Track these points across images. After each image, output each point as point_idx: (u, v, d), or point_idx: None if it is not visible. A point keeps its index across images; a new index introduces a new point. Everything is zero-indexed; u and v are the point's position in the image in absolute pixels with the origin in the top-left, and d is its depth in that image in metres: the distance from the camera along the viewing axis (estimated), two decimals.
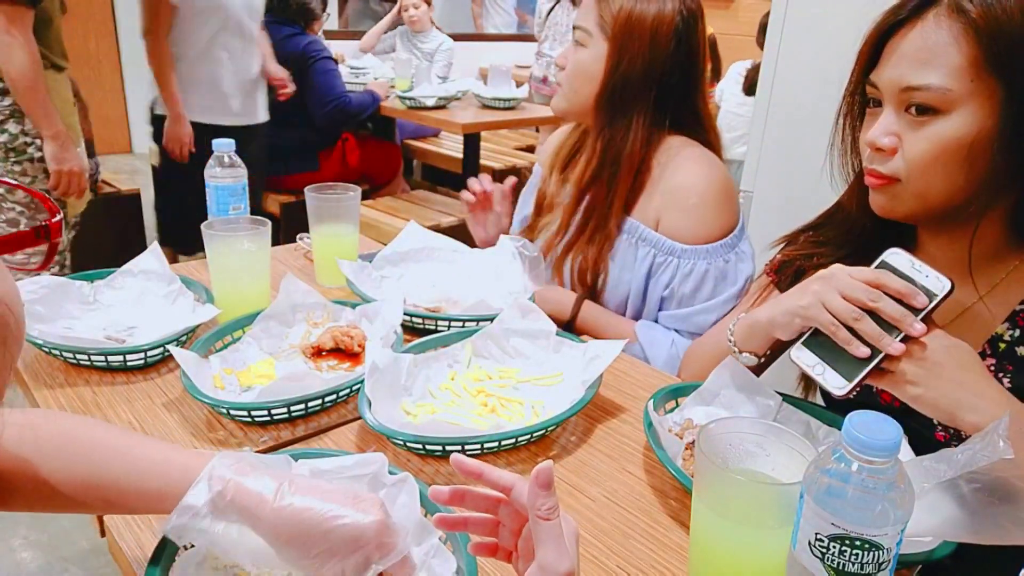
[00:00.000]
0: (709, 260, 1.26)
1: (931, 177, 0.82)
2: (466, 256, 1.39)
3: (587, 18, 1.28)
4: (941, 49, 0.78)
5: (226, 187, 1.31)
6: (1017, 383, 0.84)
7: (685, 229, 1.27)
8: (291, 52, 3.17)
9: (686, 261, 1.26)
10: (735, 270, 1.27)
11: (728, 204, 1.29)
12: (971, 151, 0.79)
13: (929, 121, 0.80)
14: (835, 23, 1.61)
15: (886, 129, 0.83)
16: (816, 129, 0.96)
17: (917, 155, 0.81)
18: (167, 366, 1.06)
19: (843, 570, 0.57)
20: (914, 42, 0.80)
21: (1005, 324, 0.86)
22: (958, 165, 0.80)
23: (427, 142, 4.38)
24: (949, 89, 0.78)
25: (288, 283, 1.14)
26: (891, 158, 0.83)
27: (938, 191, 0.82)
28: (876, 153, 0.84)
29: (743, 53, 4.32)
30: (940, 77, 0.78)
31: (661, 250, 1.28)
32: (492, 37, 6.70)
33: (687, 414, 0.95)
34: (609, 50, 1.26)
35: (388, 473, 0.73)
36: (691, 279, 1.26)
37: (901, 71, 0.81)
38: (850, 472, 0.56)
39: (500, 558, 0.62)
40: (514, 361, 1.08)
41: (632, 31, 1.24)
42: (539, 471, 0.54)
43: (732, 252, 1.28)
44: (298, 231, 1.54)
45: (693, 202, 1.26)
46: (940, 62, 0.78)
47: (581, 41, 1.29)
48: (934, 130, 0.80)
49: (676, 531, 0.79)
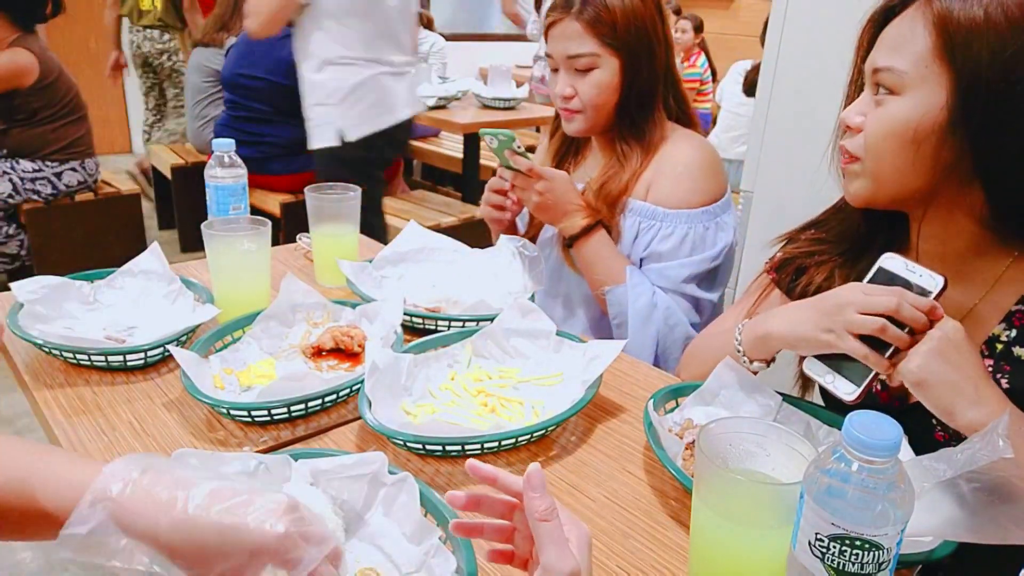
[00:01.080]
0: (689, 224, 1.33)
1: (882, 156, 0.85)
2: (466, 256, 1.39)
3: (584, 44, 1.29)
4: (910, 36, 0.82)
5: (226, 187, 1.31)
6: (1015, 383, 0.84)
7: (670, 195, 1.33)
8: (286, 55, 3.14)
9: (667, 224, 1.33)
10: (714, 237, 1.34)
11: (713, 176, 1.36)
12: (916, 133, 0.82)
13: (884, 100, 0.84)
14: (835, 23, 1.61)
15: (858, 109, 0.87)
16: (816, 129, 0.96)
17: (871, 132, 0.85)
18: (167, 366, 1.06)
19: (843, 570, 0.57)
20: (894, 29, 0.85)
21: (1001, 325, 0.87)
22: (904, 146, 0.83)
23: (427, 142, 4.38)
24: (905, 72, 0.82)
25: (288, 283, 1.14)
26: (856, 136, 0.87)
27: (888, 172, 0.85)
28: (847, 131, 0.89)
29: (743, 53, 4.33)
30: (902, 61, 0.82)
31: (646, 216, 1.34)
32: (492, 37, 6.70)
33: (687, 414, 0.96)
34: (622, 62, 1.30)
35: (388, 472, 0.73)
36: (670, 240, 1.33)
37: (876, 55, 0.86)
38: (850, 472, 0.56)
39: (516, 566, 0.62)
40: (514, 361, 1.08)
41: (635, 33, 1.29)
42: (529, 474, 0.54)
43: (713, 221, 1.34)
44: (298, 231, 1.54)
45: (679, 171, 1.34)
46: (908, 49, 0.82)
47: (589, 66, 1.30)
48: (887, 109, 0.84)
49: (676, 531, 0.79)
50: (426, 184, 4.52)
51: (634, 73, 1.31)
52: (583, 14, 1.28)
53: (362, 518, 0.73)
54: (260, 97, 3.16)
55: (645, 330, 1.31)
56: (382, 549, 0.71)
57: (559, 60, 1.33)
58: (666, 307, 1.31)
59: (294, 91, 3.15)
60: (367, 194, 1.44)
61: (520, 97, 3.69)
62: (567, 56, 1.31)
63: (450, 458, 0.89)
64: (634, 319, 1.30)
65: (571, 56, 1.31)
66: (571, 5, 1.29)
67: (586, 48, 1.29)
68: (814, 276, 0.98)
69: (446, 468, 0.87)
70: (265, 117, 3.20)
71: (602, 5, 1.27)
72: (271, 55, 3.10)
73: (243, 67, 3.15)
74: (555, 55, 1.34)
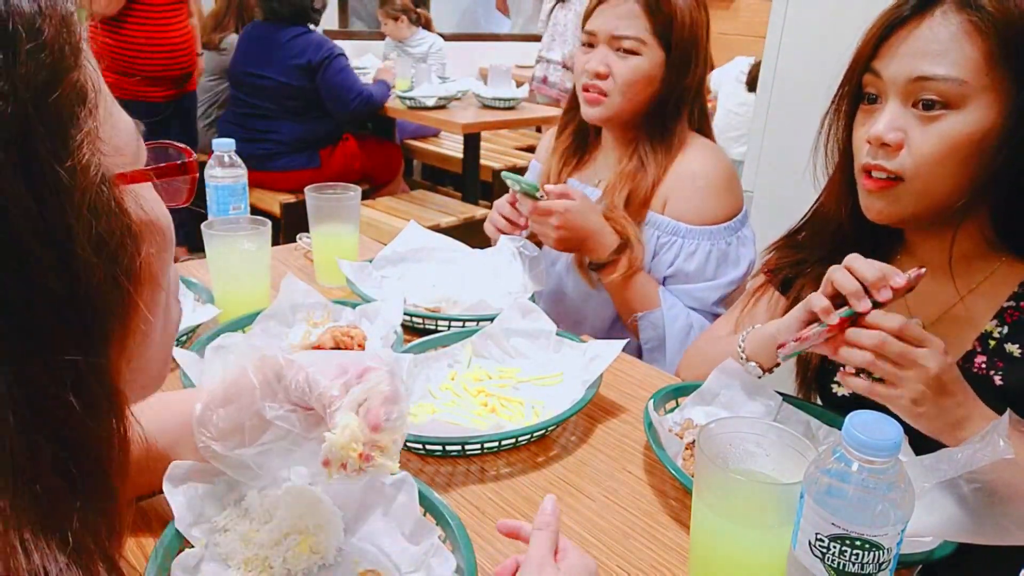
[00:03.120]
0: (712, 241, 1.30)
1: (937, 175, 0.80)
2: (466, 256, 1.39)
3: (635, 26, 1.26)
4: (954, 43, 0.77)
5: (226, 187, 1.31)
6: (1008, 380, 0.84)
7: (692, 210, 1.30)
8: (300, 53, 3.18)
9: (690, 241, 1.30)
10: (737, 253, 1.31)
11: (733, 191, 1.33)
12: (979, 148, 0.78)
13: (940, 116, 0.78)
14: (835, 23, 1.61)
15: (892, 123, 0.81)
16: (816, 129, 0.96)
17: (927, 151, 0.79)
18: None
19: (843, 570, 0.57)
20: (923, 36, 0.79)
21: (994, 321, 0.87)
22: (964, 162, 0.79)
23: (427, 142, 4.37)
24: (965, 81, 0.76)
25: (288, 283, 1.14)
26: (896, 154, 0.81)
27: (941, 190, 0.81)
28: (881, 149, 0.82)
29: (743, 53, 4.31)
30: (955, 69, 0.77)
31: (665, 231, 1.31)
32: (492, 37, 6.69)
33: (687, 414, 0.95)
34: (670, 58, 1.27)
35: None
36: (695, 258, 1.29)
37: (912, 63, 0.79)
38: (850, 472, 0.56)
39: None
40: (514, 361, 1.08)
41: (691, 38, 1.27)
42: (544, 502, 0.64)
43: (734, 236, 1.31)
44: (298, 231, 1.54)
45: (700, 184, 1.30)
46: (954, 56, 0.77)
47: (633, 49, 1.26)
48: (946, 125, 0.78)
49: (676, 531, 0.79)
50: (426, 184, 4.52)
51: (677, 73, 1.28)
52: None
53: (361, 518, 0.73)
54: (266, 95, 3.20)
55: (683, 352, 1.27)
56: (382, 549, 0.71)
57: (602, 37, 1.28)
58: (700, 327, 1.29)
59: (300, 90, 3.18)
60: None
61: (520, 97, 3.68)
62: (613, 35, 1.27)
63: (450, 458, 0.89)
64: (671, 342, 1.28)
65: (617, 36, 1.26)
66: None
67: (637, 31, 1.25)
68: (805, 284, 0.99)
69: (446, 468, 0.87)
70: (270, 114, 3.24)
71: None
72: (280, 55, 3.14)
73: (251, 65, 3.19)
74: (599, 32, 1.28)
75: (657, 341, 1.29)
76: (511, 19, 5.21)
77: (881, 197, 0.85)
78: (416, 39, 4.58)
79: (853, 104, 0.89)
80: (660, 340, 1.29)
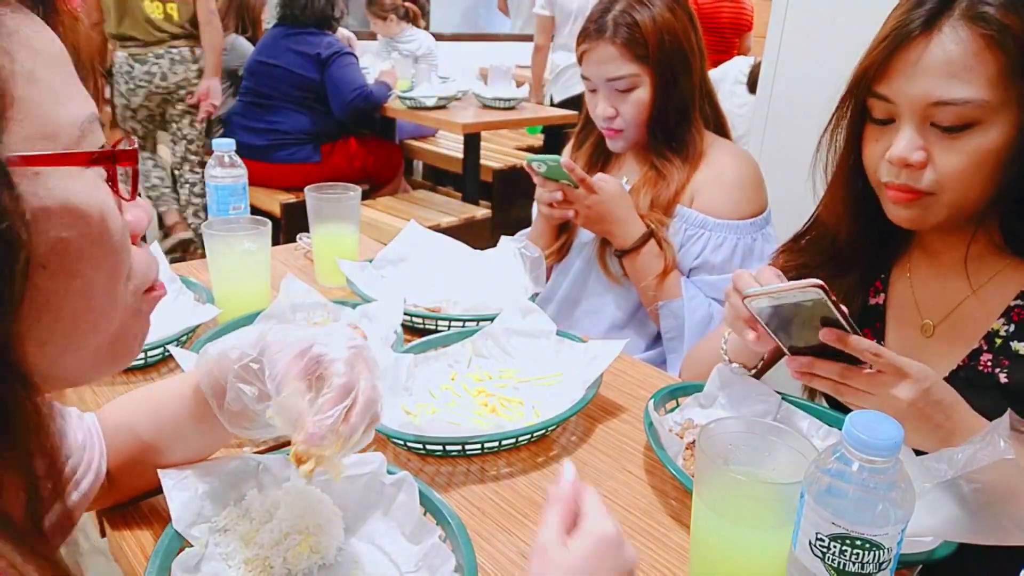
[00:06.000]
0: (738, 236, 1.33)
1: (966, 187, 0.81)
2: (466, 256, 1.39)
3: (621, 66, 1.30)
4: (969, 61, 0.76)
5: (226, 187, 1.31)
6: (1014, 378, 0.85)
7: (720, 205, 1.33)
8: (313, 45, 3.25)
9: (717, 234, 1.33)
10: (762, 249, 1.34)
11: (760, 189, 1.37)
12: (1004, 158, 0.79)
13: (963, 135, 0.78)
14: (836, 23, 1.61)
15: (913, 143, 0.80)
16: (817, 130, 0.95)
17: (954, 169, 0.80)
18: (167, 366, 1.06)
19: (844, 570, 0.57)
20: (935, 56, 0.78)
21: (1000, 319, 0.87)
22: (991, 174, 0.80)
23: (427, 142, 4.37)
24: (986, 100, 0.76)
25: (288, 283, 1.14)
26: (920, 173, 0.81)
27: (973, 199, 0.83)
28: (906, 169, 0.82)
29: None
30: (974, 90, 0.76)
31: (693, 224, 1.34)
32: (492, 37, 6.69)
33: (687, 414, 0.96)
34: (658, 77, 1.30)
35: (387, 472, 0.73)
36: (722, 250, 1.32)
37: (926, 86, 0.78)
38: (851, 472, 0.56)
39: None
40: (514, 361, 1.08)
41: (669, 47, 1.29)
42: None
43: (759, 232, 1.35)
44: (298, 231, 1.54)
45: (726, 180, 1.34)
46: (970, 75, 0.76)
47: (629, 86, 1.31)
48: (970, 143, 0.78)
49: (676, 531, 0.79)
50: (426, 184, 4.52)
51: (670, 86, 1.31)
52: (616, 37, 1.28)
53: (362, 518, 0.73)
54: (274, 82, 3.28)
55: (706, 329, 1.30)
56: (382, 548, 0.71)
57: (598, 83, 1.34)
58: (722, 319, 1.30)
59: (308, 80, 3.23)
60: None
61: (520, 97, 3.68)
62: (606, 79, 1.32)
63: (450, 458, 0.89)
64: (691, 332, 1.30)
65: (611, 79, 1.31)
66: (603, 30, 1.29)
67: (624, 70, 1.30)
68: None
69: (446, 468, 0.87)
70: (276, 104, 3.30)
71: (634, 25, 1.27)
72: (295, 46, 3.25)
73: (265, 55, 3.31)
74: (593, 78, 1.34)
75: (677, 331, 1.32)
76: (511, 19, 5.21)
77: (911, 207, 0.84)
78: (407, 35, 4.58)
79: (858, 123, 0.88)
80: (680, 330, 1.32)
